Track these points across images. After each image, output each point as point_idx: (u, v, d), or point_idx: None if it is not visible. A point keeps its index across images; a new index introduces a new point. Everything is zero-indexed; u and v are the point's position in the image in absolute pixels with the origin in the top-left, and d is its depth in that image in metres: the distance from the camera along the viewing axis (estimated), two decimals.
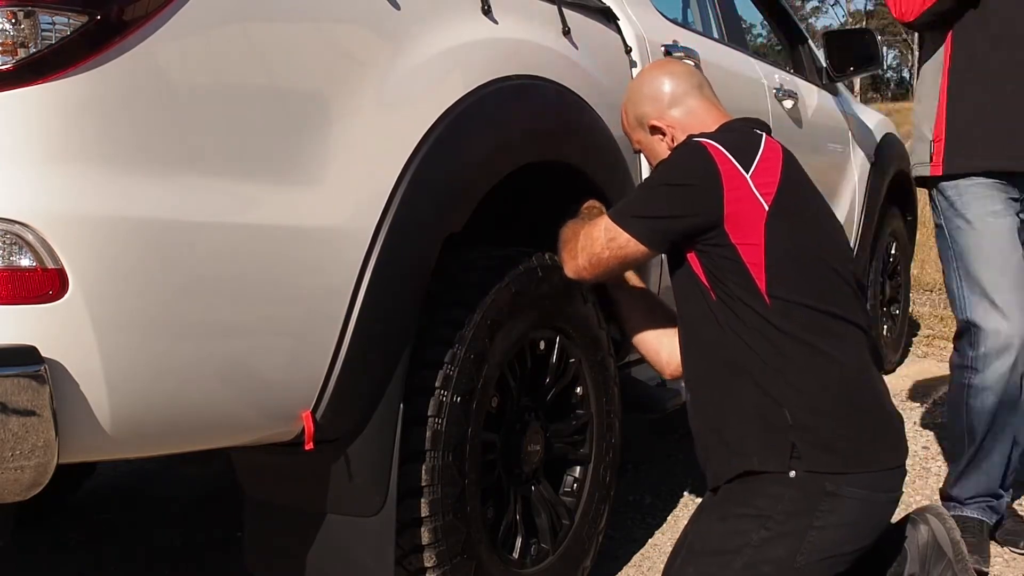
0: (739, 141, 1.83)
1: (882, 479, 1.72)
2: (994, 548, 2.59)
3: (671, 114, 1.99)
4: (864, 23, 62.08)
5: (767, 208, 1.72)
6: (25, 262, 1.23)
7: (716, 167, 1.75)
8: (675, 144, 1.96)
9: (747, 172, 1.75)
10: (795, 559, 1.66)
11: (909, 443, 3.25)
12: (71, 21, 1.25)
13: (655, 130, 2.01)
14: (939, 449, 3.45)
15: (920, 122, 2.52)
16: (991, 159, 2.36)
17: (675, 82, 2.01)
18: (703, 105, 1.98)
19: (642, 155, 2.18)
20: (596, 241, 1.88)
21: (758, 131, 1.89)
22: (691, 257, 1.83)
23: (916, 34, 2.66)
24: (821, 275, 1.76)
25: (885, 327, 4.64)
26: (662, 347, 2.07)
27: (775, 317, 1.71)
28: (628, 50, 2.51)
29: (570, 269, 1.97)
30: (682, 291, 1.90)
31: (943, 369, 4.67)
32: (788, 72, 3.86)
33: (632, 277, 2.19)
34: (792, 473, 1.68)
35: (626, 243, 1.85)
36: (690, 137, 1.89)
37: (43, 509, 2.79)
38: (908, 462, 1.84)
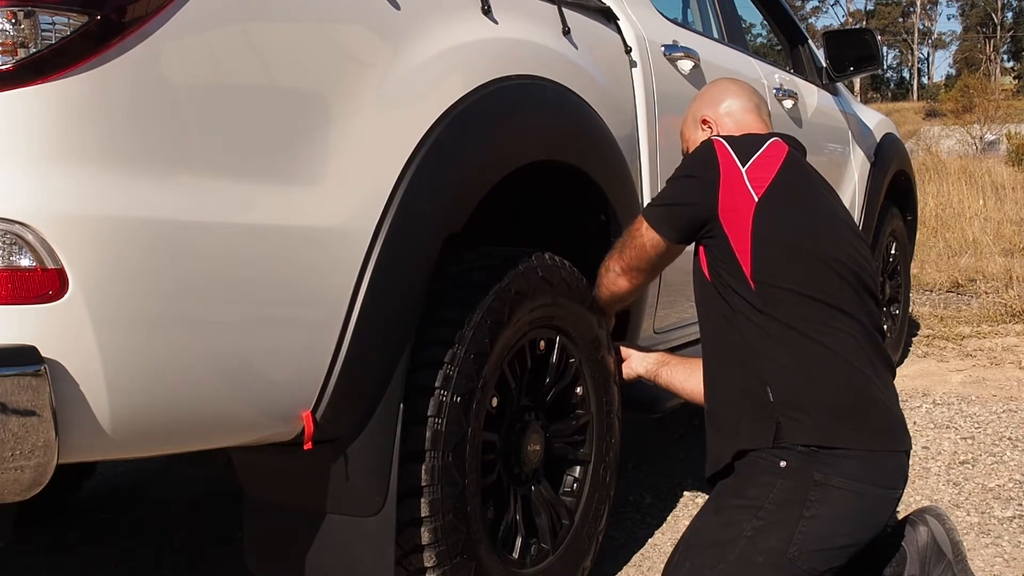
0: (746, 140, 1.94)
1: (870, 468, 1.72)
2: (994, 548, 2.59)
3: (723, 118, 2.14)
4: (864, 23, 62.21)
5: (756, 199, 1.83)
6: (25, 262, 1.23)
7: (716, 159, 1.88)
8: None
9: (743, 166, 1.86)
10: (788, 550, 1.67)
11: None
12: (71, 21, 1.26)
13: (704, 123, 2.16)
14: (939, 449, 3.46)
15: None
16: None
17: (735, 94, 2.17)
18: (753, 120, 2.12)
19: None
20: (629, 233, 2.03)
21: (777, 138, 1.98)
22: (700, 252, 1.95)
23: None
24: (809, 265, 1.81)
25: (885, 327, 4.64)
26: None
27: (758, 300, 1.79)
28: (628, 50, 2.51)
29: (614, 270, 2.07)
30: (696, 289, 2.01)
31: (943, 369, 4.69)
32: (788, 72, 3.86)
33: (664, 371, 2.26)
34: (783, 463, 1.71)
35: (646, 231, 1.98)
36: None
37: (43, 509, 2.79)
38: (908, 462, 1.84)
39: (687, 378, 2.14)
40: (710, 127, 2.15)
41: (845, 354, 1.77)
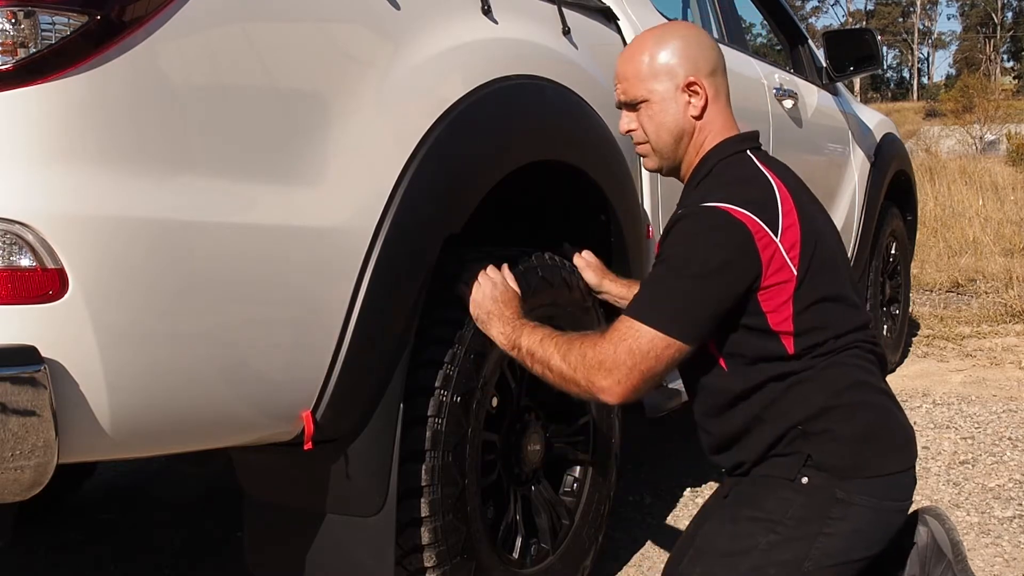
0: (754, 194, 1.67)
1: (891, 487, 1.71)
2: (994, 548, 2.59)
3: (705, 82, 1.77)
4: (864, 23, 62.25)
5: (795, 273, 1.64)
6: (25, 262, 1.23)
7: (752, 236, 1.61)
8: (700, 116, 1.78)
9: (776, 236, 1.62)
10: (802, 565, 1.65)
11: None
12: (71, 21, 1.25)
13: (690, 89, 1.77)
14: (939, 449, 3.46)
15: None
16: None
17: (719, 55, 1.82)
18: (724, 93, 1.82)
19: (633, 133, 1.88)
20: (633, 353, 1.61)
21: (764, 170, 1.74)
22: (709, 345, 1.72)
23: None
24: (839, 307, 1.72)
25: (885, 327, 4.64)
26: None
27: (796, 364, 1.68)
28: None
29: (614, 394, 1.63)
30: (699, 374, 1.78)
31: (943, 369, 4.69)
32: (788, 72, 3.86)
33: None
34: (804, 479, 1.67)
35: (677, 352, 1.61)
36: (702, 204, 1.66)
37: (43, 509, 2.80)
38: None
39: (627, 293, 2.04)
40: (696, 92, 1.77)
41: (866, 376, 1.73)
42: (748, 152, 1.79)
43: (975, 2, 69.30)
